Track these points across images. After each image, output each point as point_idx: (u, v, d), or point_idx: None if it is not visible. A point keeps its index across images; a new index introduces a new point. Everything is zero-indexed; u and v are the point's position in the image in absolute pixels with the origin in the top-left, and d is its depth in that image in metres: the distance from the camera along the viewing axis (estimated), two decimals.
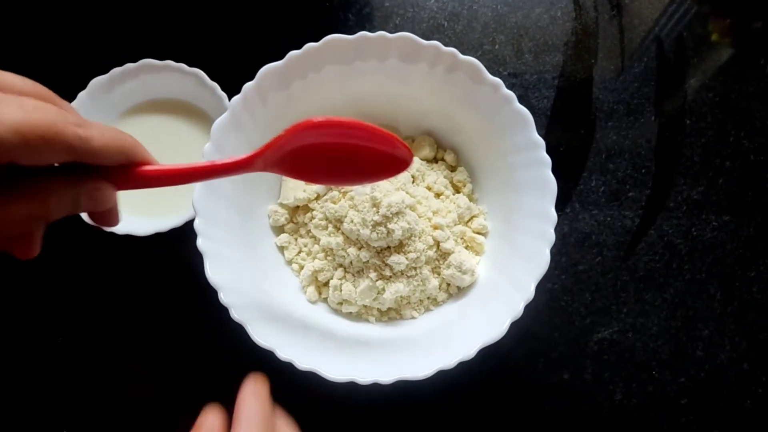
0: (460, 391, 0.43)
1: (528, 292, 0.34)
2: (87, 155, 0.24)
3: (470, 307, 0.38)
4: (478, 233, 0.41)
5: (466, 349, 0.33)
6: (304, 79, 0.39)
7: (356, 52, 0.38)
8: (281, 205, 0.42)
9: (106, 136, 0.24)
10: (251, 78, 0.37)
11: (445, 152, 0.43)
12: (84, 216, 0.41)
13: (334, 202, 0.39)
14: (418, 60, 0.39)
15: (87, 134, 0.23)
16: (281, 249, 0.42)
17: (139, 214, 0.44)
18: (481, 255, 0.41)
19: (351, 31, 0.50)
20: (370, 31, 0.49)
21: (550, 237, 0.35)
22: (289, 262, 0.41)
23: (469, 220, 0.41)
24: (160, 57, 0.44)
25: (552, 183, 0.36)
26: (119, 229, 0.41)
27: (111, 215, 0.29)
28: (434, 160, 0.44)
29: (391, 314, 0.40)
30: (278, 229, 0.42)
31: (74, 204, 0.25)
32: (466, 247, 0.41)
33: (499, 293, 0.37)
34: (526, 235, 0.37)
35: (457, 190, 0.43)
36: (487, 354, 0.34)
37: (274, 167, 0.30)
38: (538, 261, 0.35)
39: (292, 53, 0.37)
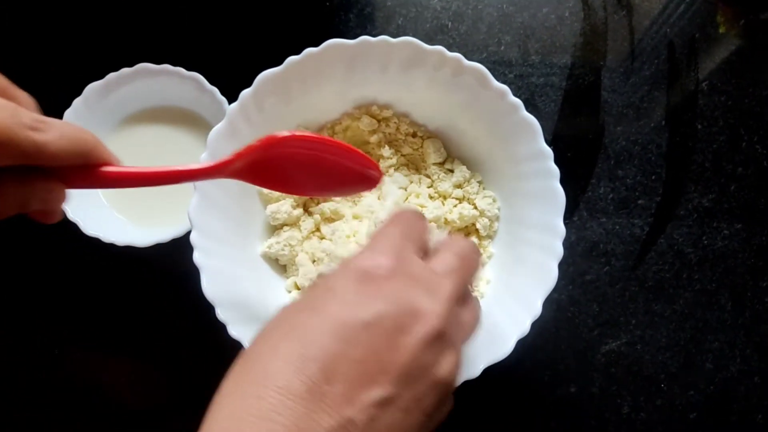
0: (463, 404, 0.42)
1: (535, 309, 0.33)
2: (42, 160, 0.22)
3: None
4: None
5: (472, 369, 0.33)
6: (303, 85, 0.38)
7: (357, 57, 0.37)
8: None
9: (64, 139, 0.23)
10: (250, 81, 0.36)
11: (453, 162, 0.42)
12: (84, 227, 0.41)
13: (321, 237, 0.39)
14: (421, 65, 0.37)
15: (43, 139, 0.22)
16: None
17: (140, 224, 0.44)
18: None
19: (352, 33, 0.49)
20: (371, 32, 0.48)
21: (558, 252, 0.34)
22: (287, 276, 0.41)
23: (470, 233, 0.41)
24: (157, 61, 0.43)
25: (560, 195, 0.35)
26: (120, 240, 0.41)
27: (55, 214, 0.27)
28: (442, 164, 0.42)
29: None
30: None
31: (22, 205, 0.24)
32: None
33: (505, 310, 0.36)
34: (533, 249, 0.36)
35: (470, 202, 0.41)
36: (492, 366, 0.33)
37: (242, 176, 0.30)
38: (546, 277, 0.34)
39: (291, 59, 0.36)
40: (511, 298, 0.36)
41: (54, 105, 0.42)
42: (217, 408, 0.23)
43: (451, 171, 0.41)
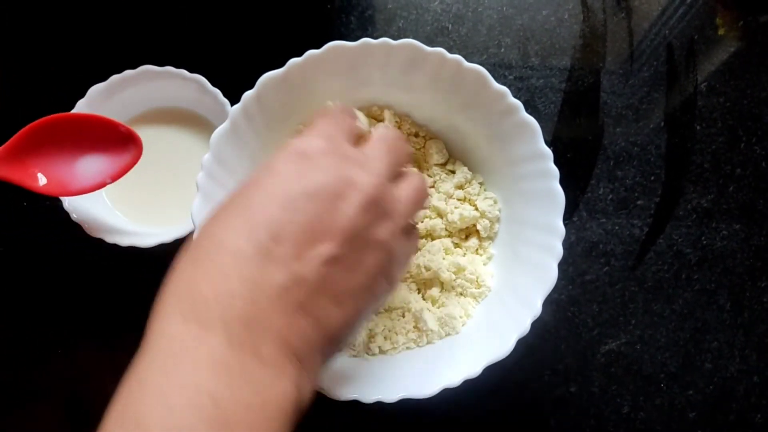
0: (464, 403, 0.42)
1: (535, 309, 0.34)
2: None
3: (475, 324, 0.38)
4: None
5: (472, 368, 0.33)
6: (304, 86, 0.38)
7: (358, 59, 0.37)
8: None
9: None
10: (251, 83, 0.36)
11: (455, 163, 0.42)
12: (87, 228, 0.41)
13: None
14: (422, 67, 0.38)
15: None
16: None
17: (143, 225, 0.44)
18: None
19: (353, 35, 0.49)
20: (372, 34, 0.49)
21: (558, 252, 0.34)
22: None
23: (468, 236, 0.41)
24: (160, 63, 0.44)
25: (560, 195, 0.35)
26: (123, 241, 0.41)
27: None
28: (443, 165, 0.43)
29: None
30: None
31: None
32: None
33: (505, 309, 0.36)
34: (533, 249, 0.36)
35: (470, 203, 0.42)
36: (492, 366, 0.34)
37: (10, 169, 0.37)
38: (546, 276, 0.34)
39: (293, 61, 0.36)
40: (511, 298, 0.36)
41: (57, 107, 0.42)
42: (175, 274, 0.25)
43: (453, 172, 0.42)
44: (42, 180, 0.38)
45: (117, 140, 0.39)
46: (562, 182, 0.35)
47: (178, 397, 0.21)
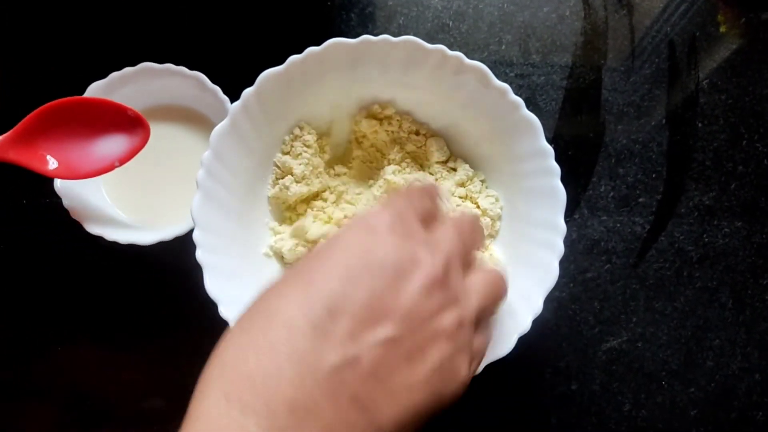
0: (464, 401, 0.42)
1: (536, 306, 0.33)
2: None
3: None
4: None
5: None
6: (304, 83, 0.38)
7: (359, 56, 0.37)
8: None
9: None
10: (252, 80, 0.36)
11: (456, 161, 0.42)
12: (86, 225, 0.41)
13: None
14: (423, 64, 0.37)
15: None
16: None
17: (143, 223, 0.44)
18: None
19: (353, 32, 0.49)
20: (372, 31, 0.49)
21: (560, 249, 0.34)
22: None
23: None
24: (160, 60, 0.44)
25: (561, 193, 0.35)
26: (122, 238, 0.41)
27: None
28: (445, 162, 0.42)
29: None
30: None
31: None
32: None
33: (506, 307, 0.36)
34: (534, 246, 0.36)
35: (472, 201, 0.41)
36: (493, 363, 0.34)
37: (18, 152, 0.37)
38: (547, 274, 0.34)
39: (293, 58, 0.36)
40: (512, 295, 0.36)
41: None
42: (223, 344, 0.24)
43: (454, 170, 0.42)
44: (52, 163, 0.39)
45: (125, 124, 0.40)
46: (563, 179, 0.35)
47: None
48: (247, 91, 0.36)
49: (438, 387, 0.24)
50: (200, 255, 0.34)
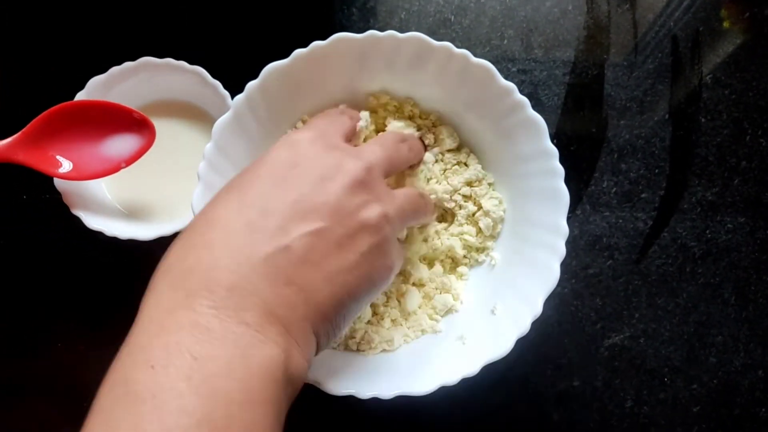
0: (465, 398, 0.42)
1: (536, 308, 0.33)
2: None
3: (475, 321, 0.37)
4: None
5: (470, 366, 0.32)
6: (309, 78, 0.37)
7: (364, 51, 0.37)
8: None
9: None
10: (252, 75, 0.36)
11: (469, 156, 0.41)
12: (86, 221, 0.41)
13: None
14: (428, 61, 0.37)
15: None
16: None
17: (143, 218, 0.44)
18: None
19: (354, 26, 0.49)
20: (374, 26, 0.48)
21: (561, 251, 0.34)
22: None
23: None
24: (160, 55, 0.43)
25: (564, 195, 0.34)
26: (123, 233, 0.41)
27: None
28: (457, 151, 0.42)
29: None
30: None
31: None
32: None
33: (505, 308, 0.35)
34: (536, 248, 0.36)
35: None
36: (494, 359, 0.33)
37: (27, 154, 0.38)
38: (548, 276, 0.34)
39: (298, 51, 0.36)
40: (512, 297, 0.35)
41: (56, 99, 0.42)
42: (168, 251, 0.26)
43: (466, 165, 0.41)
44: (63, 163, 0.40)
45: (131, 125, 0.41)
46: (565, 175, 0.35)
47: (161, 357, 0.22)
48: (251, 84, 0.35)
49: (368, 270, 0.27)
50: None
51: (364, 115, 0.37)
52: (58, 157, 0.40)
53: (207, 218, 0.27)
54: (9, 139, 0.38)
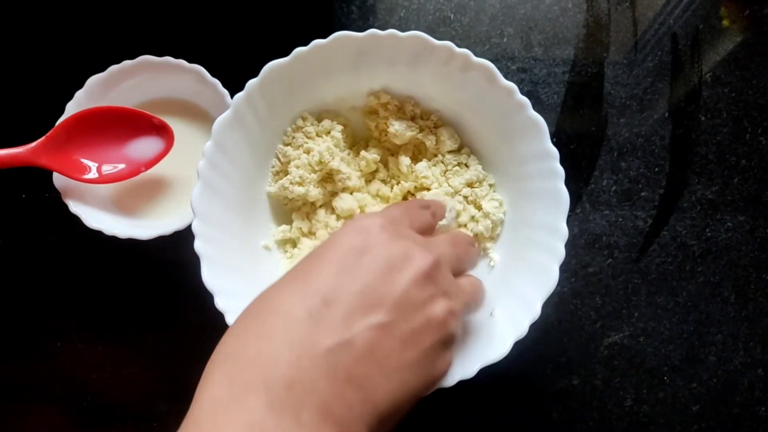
0: (465, 396, 0.42)
1: (534, 311, 0.33)
2: None
3: (472, 323, 0.37)
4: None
5: (467, 369, 0.32)
6: (309, 76, 0.37)
7: (365, 49, 0.37)
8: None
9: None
10: (252, 73, 0.36)
11: (470, 156, 0.41)
12: (86, 220, 0.41)
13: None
14: (429, 60, 0.37)
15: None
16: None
17: (142, 217, 0.44)
18: None
19: (354, 24, 0.49)
20: (373, 24, 0.48)
21: (560, 254, 0.33)
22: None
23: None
24: (159, 53, 0.43)
25: (564, 197, 0.34)
26: (122, 232, 0.41)
27: None
28: (458, 152, 0.42)
29: None
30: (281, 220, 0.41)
31: None
32: None
33: (503, 310, 0.35)
34: (535, 250, 0.35)
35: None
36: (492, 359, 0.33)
37: (50, 158, 0.40)
38: (546, 278, 0.33)
39: (299, 50, 0.36)
40: (510, 299, 0.35)
41: (56, 97, 0.42)
42: (225, 337, 0.26)
43: (466, 166, 0.41)
44: (90, 167, 0.42)
45: (150, 131, 0.43)
46: (565, 174, 0.34)
47: None
48: (251, 82, 0.35)
49: (429, 369, 0.26)
50: (198, 246, 0.34)
51: (452, 205, 0.37)
52: (83, 160, 0.41)
53: (268, 304, 0.26)
54: (33, 144, 0.39)
